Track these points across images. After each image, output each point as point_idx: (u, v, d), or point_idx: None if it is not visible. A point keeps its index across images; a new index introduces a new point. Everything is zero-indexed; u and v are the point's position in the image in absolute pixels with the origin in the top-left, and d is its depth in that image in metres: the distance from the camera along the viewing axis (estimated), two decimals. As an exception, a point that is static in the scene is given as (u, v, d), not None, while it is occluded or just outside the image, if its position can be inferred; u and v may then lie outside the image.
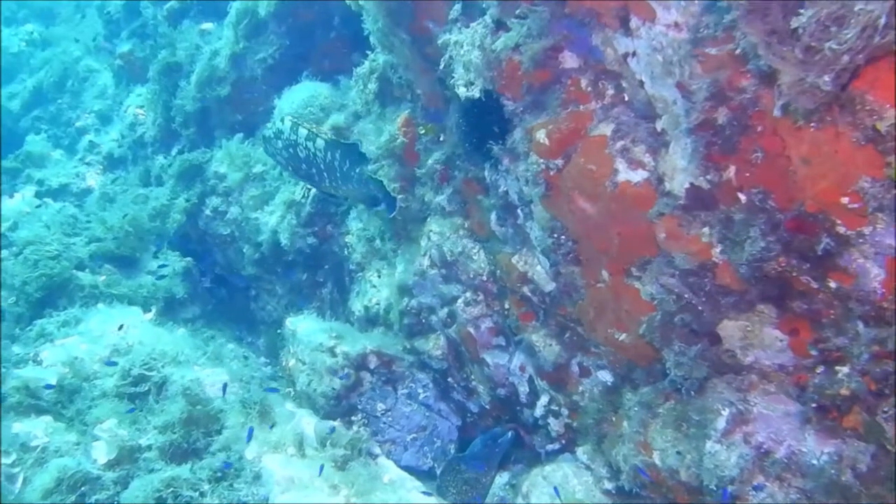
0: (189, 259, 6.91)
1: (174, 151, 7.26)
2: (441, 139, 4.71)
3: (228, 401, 4.51)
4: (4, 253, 6.51)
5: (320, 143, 4.82)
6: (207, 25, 7.43)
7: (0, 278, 6.31)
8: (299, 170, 5.00)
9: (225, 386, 4.67)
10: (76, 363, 5.13)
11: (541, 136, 3.59)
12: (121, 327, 5.39)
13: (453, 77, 3.73)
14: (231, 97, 6.70)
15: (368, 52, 6.18)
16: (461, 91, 3.65)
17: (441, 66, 3.88)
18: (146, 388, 4.87)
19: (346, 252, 5.74)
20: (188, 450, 4.32)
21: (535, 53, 3.51)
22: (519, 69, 3.60)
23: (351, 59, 6.27)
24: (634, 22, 3.17)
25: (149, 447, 4.32)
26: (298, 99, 5.82)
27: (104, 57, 10.32)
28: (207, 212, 6.65)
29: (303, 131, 4.83)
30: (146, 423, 4.55)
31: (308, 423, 4.48)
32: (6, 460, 4.52)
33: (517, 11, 3.50)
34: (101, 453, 4.32)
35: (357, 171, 4.90)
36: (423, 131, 4.78)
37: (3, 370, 5.12)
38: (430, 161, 4.71)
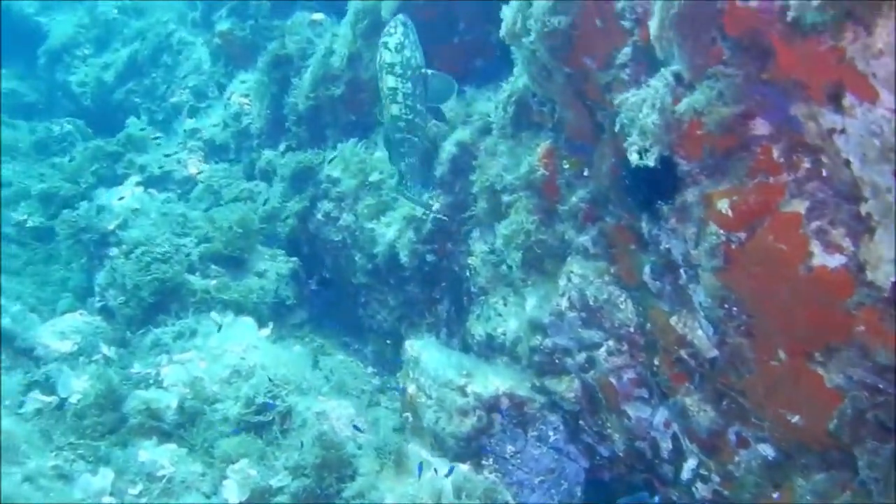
0: (295, 259, 6.79)
1: (282, 147, 7.10)
2: (585, 173, 4.46)
3: (362, 445, 4.39)
4: (115, 251, 6.46)
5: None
6: (318, 16, 7.19)
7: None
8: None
9: (356, 426, 4.55)
10: (196, 384, 5.06)
11: (723, 205, 3.32)
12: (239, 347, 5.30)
13: (626, 137, 3.46)
14: (345, 96, 6.49)
15: (492, 58, 5.97)
16: (633, 157, 3.38)
17: (616, 127, 3.59)
18: (270, 418, 4.78)
19: (467, 273, 5.54)
20: (321, 495, 4.21)
21: (724, 119, 3.22)
22: (700, 130, 3.32)
23: (474, 65, 6.03)
24: (849, 100, 2.85)
25: (280, 490, 4.22)
26: (422, 110, 5.58)
27: (199, 30, 10.17)
28: (319, 216, 6.51)
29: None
30: (274, 459, 4.46)
31: (441, 470, 4.34)
32: (133, 490, 4.48)
33: (707, 71, 3.20)
34: (233, 494, 4.24)
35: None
36: (567, 165, 4.52)
37: (125, 389, 5.07)
38: (573, 198, 4.47)
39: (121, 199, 6.86)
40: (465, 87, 5.88)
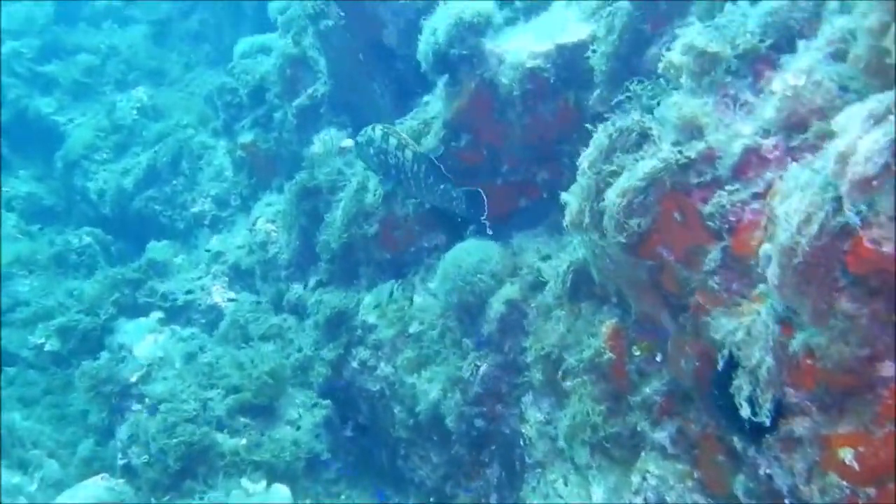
0: (328, 404, 6.36)
1: (312, 282, 6.70)
2: (658, 359, 4.01)
3: None
4: (137, 406, 6.04)
5: (408, 153, 5.41)
6: (348, 142, 6.83)
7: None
8: (389, 174, 5.60)
9: None
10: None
11: (846, 455, 2.85)
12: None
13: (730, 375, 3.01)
14: (379, 234, 6.10)
15: (537, 198, 5.59)
16: (744, 412, 2.93)
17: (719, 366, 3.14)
18: None
19: (521, 442, 5.08)
20: None
21: (844, 360, 2.77)
22: (814, 364, 2.87)
23: (519, 205, 5.66)
24: None
25: None
26: (467, 264, 5.18)
27: (220, 136, 9.86)
28: (354, 364, 6.08)
29: (393, 140, 5.47)
30: None
31: None
32: None
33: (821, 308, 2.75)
34: None
35: (441, 187, 5.38)
36: (637, 351, 4.07)
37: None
38: (647, 389, 4.01)
39: (143, 343, 6.45)
40: (510, 230, 5.52)
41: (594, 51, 4.67)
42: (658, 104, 3.50)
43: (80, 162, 11.07)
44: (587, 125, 3.79)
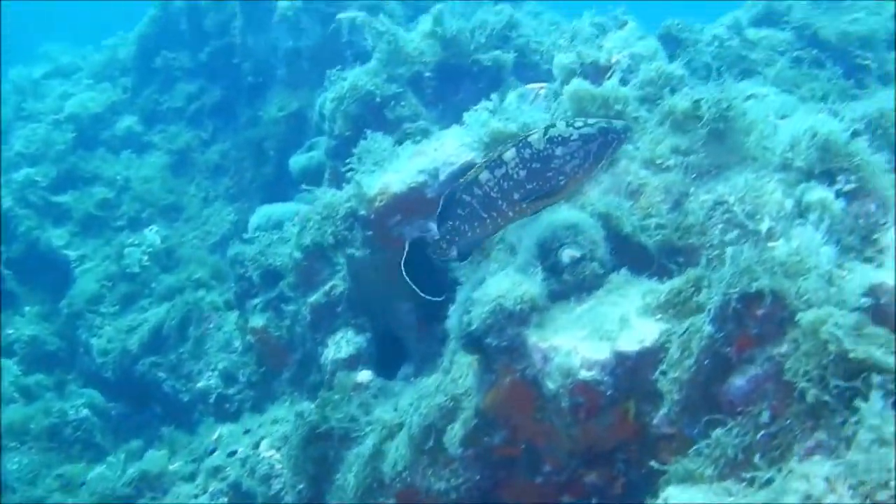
0: None
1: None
2: None
3: None
4: None
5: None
6: (364, 376, 6.02)
7: None
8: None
9: None
10: None
11: None
12: None
13: None
14: (396, 508, 5.21)
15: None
16: None
17: None
18: None
19: None
20: None
21: None
22: None
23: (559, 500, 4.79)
24: None
25: None
26: None
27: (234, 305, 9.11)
28: None
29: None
30: None
31: None
32: None
33: None
34: None
35: None
36: None
37: None
38: None
39: None
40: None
41: (664, 373, 3.84)
42: None
43: (85, 314, 10.36)
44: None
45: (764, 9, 7.69)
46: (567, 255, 4.51)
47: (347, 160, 6.49)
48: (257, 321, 7.98)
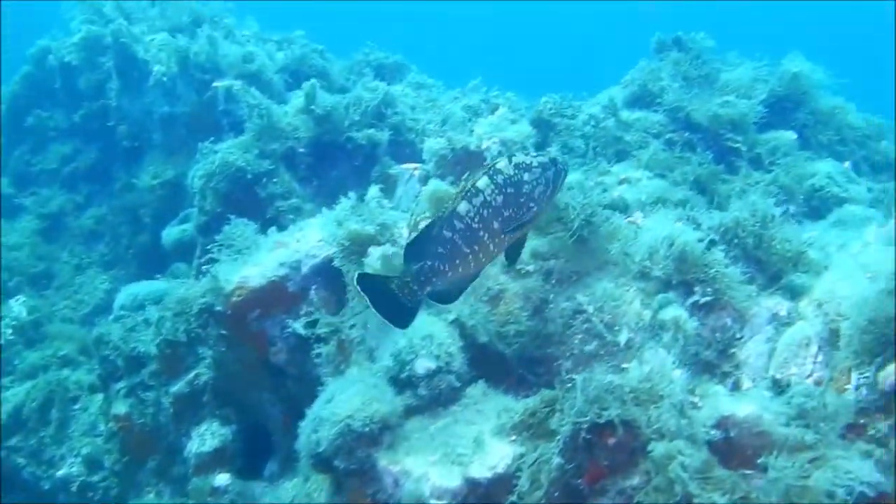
0: None
1: None
2: None
3: None
4: None
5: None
6: (222, 479, 5.66)
7: None
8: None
9: None
10: None
11: None
12: None
13: None
14: None
15: None
16: None
17: None
18: None
19: None
20: None
21: None
22: None
23: None
24: None
25: None
26: None
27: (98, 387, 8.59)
28: None
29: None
30: None
31: None
32: None
33: None
34: None
35: None
36: None
37: None
38: None
39: None
40: None
41: (514, 504, 3.66)
42: None
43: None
44: None
45: (639, 89, 7.72)
46: (422, 366, 4.32)
47: (209, 246, 6.17)
48: (120, 408, 7.51)
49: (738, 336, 4.13)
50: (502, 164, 3.83)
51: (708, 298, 4.17)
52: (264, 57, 9.41)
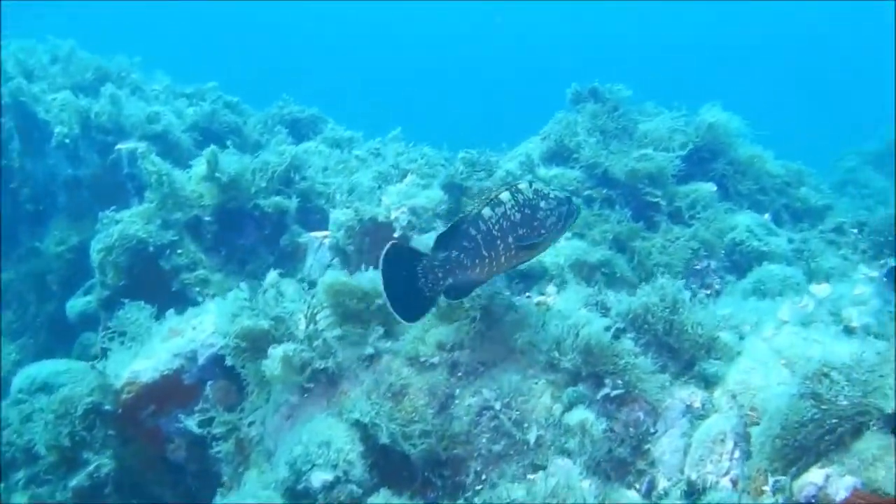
0: None
1: None
2: None
3: None
4: None
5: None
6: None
7: None
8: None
9: None
10: None
11: None
12: None
13: None
14: None
15: None
16: None
17: None
18: None
19: None
20: None
21: None
22: None
23: None
24: None
25: None
26: None
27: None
28: None
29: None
30: None
31: None
32: None
33: None
34: None
35: None
36: None
37: None
38: None
39: None
40: None
41: None
42: None
43: None
44: None
45: (555, 144, 7.52)
46: (318, 479, 3.99)
47: (103, 333, 5.77)
48: (19, 500, 6.99)
49: (651, 431, 3.90)
50: (523, 185, 4.02)
51: (619, 391, 3.93)
52: (171, 116, 9.02)
